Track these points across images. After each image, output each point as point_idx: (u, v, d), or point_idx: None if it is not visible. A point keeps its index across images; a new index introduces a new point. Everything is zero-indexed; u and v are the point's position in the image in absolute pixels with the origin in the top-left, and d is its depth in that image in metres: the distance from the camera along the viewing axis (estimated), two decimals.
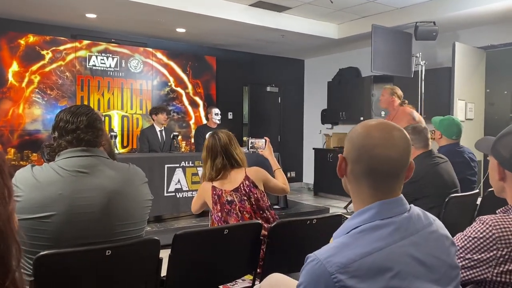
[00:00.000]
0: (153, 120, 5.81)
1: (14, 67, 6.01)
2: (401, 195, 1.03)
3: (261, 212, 2.43)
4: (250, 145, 3.12)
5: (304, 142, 9.30)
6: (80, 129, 1.58)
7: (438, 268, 0.99)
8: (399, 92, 4.65)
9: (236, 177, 2.44)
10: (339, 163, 1.05)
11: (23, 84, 6.08)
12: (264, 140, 2.98)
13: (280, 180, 2.65)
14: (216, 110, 6.04)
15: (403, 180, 1.03)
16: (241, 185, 2.42)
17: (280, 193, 2.77)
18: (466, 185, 3.17)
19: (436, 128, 3.44)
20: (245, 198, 2.39)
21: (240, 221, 2.33)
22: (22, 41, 6.05)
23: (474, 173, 3.36)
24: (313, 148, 8.29)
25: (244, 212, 2.37)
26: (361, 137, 1.02)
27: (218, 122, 6.00)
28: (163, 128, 5.82)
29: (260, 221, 2.13)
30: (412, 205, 1.04)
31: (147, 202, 1.69)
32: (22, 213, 1.44)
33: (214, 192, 2.41)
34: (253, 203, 2.41)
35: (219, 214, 2.38)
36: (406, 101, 4.67)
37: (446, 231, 1.07)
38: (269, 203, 2.51)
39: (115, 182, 1.57)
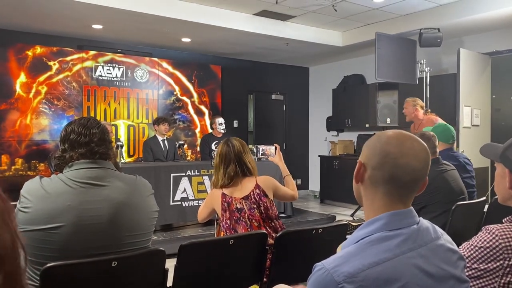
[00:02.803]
0: (155, 130, 5.91)
1: (22, 78, 6.08)
2: (411, 207, 1.02)
3: (269, 221, 2.43)
4: (260, 152, 3.13)
5: (309, 150, 9.29)
6: (94, 142, 1.60)
7: (446, 280, 0.98)
8: (421, 102, 4.81)
9: (246, 185, 2.45)
10: (357, 168, 1.04)
11: (31, 95, 6.15)
12: (274, 147, 3.00)
13: (290, 186, 2.68)
14: (220, 120, 6.05)
15: (416, 193, 1.03)
16: (251, 193, 2.42)
17: (289, 200, 2.81)
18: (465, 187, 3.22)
19: None
20: (255, 206, 2.40)
21: (249, 230, 2.33)
22: (29, 53, 6.13)
23: (471, 176, 3.40)
24: (319, 156, 8.28)
25: (253, 221, 2.37)
26: (385, 145, 1.01)
27: (223, 131, 6.02)
28: (165, 137, 5.88)
29: (265, 231, 2.13)
30: (421, 218, 1.04)
31: (153, 213, 1.70)
32: (31, 224, 1.45)
33: (224, 199, 2.41)
34: (263, 211, 2.41)
35: (228, 221, 2.38)
36: (429, 110, 4.86)
37: (454, 246, 1.06)
38: (277, 212, 2.51)
39: (123, 193, 1.58)
